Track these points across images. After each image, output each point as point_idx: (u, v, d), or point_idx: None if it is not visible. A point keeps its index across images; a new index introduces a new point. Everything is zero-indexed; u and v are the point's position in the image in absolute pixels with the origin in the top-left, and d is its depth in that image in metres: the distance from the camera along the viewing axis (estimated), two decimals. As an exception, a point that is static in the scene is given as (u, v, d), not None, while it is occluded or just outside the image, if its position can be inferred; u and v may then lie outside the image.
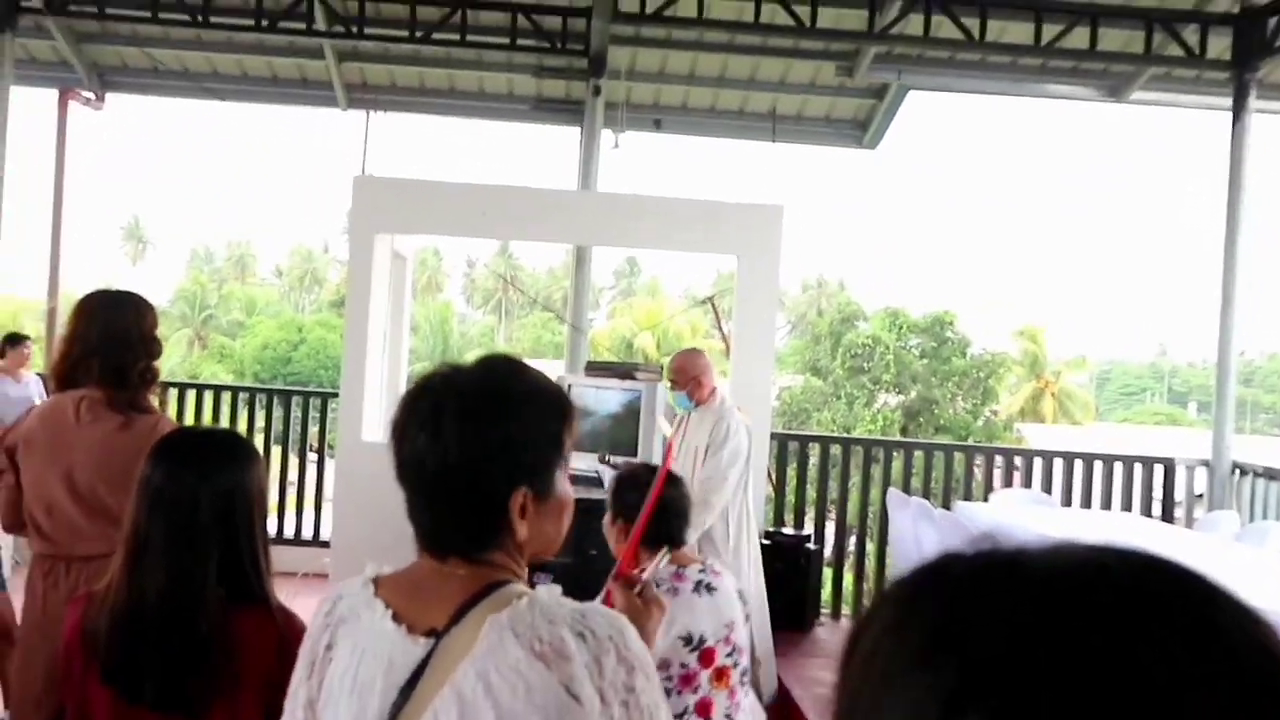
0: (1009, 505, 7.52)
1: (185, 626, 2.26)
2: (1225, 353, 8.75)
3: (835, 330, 33.71)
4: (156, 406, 3.50)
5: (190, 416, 9.11)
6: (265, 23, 9.69)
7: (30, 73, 11.12)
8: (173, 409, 8.97)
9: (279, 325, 54.72)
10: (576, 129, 10.53)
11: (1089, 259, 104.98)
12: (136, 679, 2.28)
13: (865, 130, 11.58)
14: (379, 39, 10.13)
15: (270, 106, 12.90)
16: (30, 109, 11.81)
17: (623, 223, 7.65)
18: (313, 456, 9.38)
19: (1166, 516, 8.50)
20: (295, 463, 9.12)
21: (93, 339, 3.30)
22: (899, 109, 11.19)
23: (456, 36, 9.74)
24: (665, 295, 62.10)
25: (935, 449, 9.07)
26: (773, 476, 8.27)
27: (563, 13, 9.79)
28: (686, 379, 5.97)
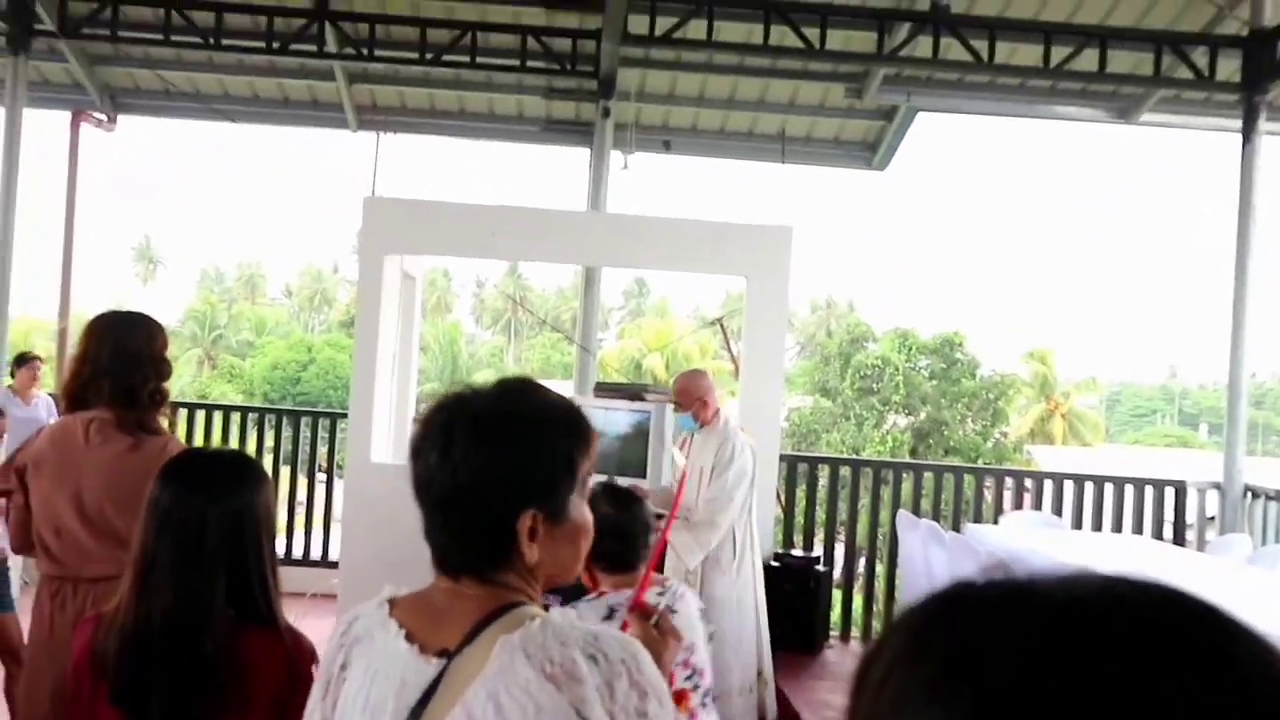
0: (1019, 528, 7.48)
1: (193, 647, 2.26)
2: (1236, 375, 8.72)
3: (844, 351, 33.61)
4: (166, 428, 3.49)
5: (200, 437, 9.12)
6: (276, 45, 9.76)
7: (43, 95, 11.21)
8: (182, 429, 8.99)
9: (288, 345, 54.79)
10: (586, 150, 10.57)
11: (1099, 281, 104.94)
12: (145, 700, 2.27)
13: (874, 152, 11.61)
14: (389, 61, 10.18)
15: (281, 128, 12.95)
16: (43, 131, 11.90)
17: (632, 243, 7.65)
18: (321, 477, 9.38)
19: (1178, 539, 8.44)
20: (304, 483, 9.12)
21: (103, 360, 3.30)
22: (908, 130, 11.21)
23: (466, 58, 9.80)
24: (674, 316, 62.12)
25: (945, 470, 9.04)
26: (782, 498, 8.24)
27: (573, 35, 9.83)
28: (691, 400, 5.96)
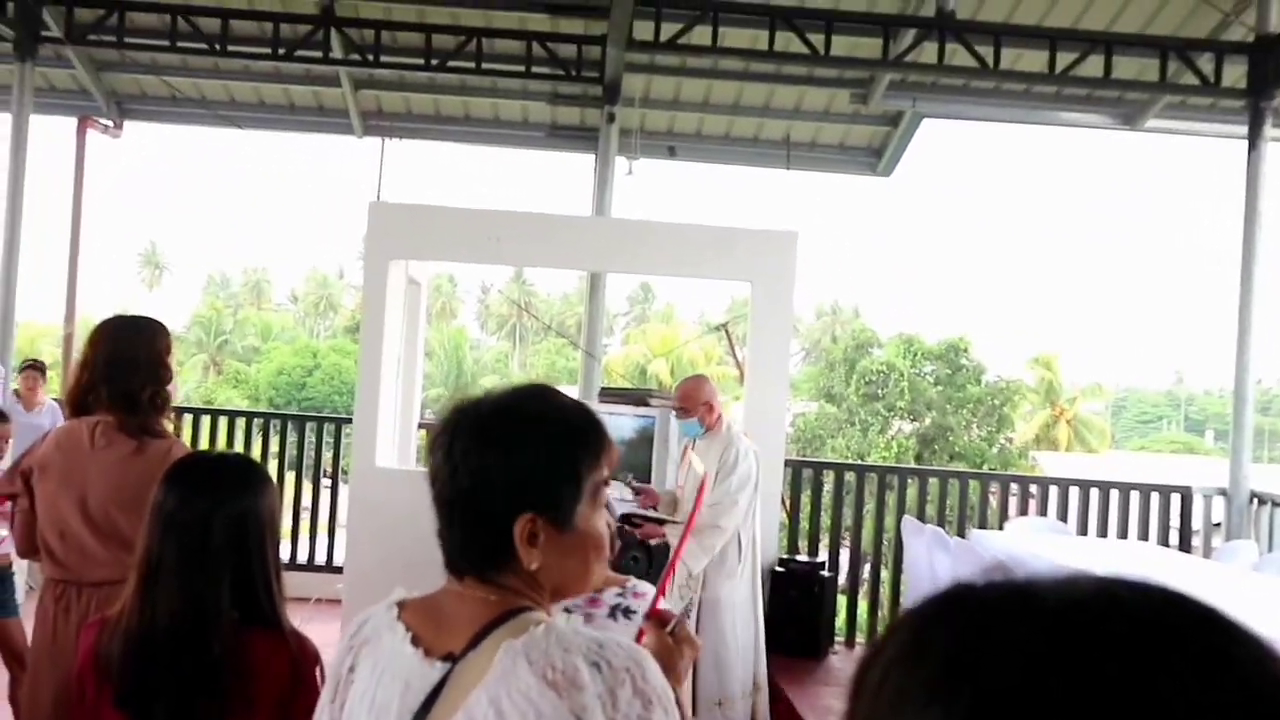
0: (1024, 534, 7.47)
1: (198, 650, 2.27)
2: (1242, 381, 8.70)
3: (849, 357, 33.63)
4: (171, 431, 3.49)
5: (205, 442, 9.13)
6: (282, 51, 9.76)
7: (50, 101, 11.23)
8: (188, 435, 8.99)
9: (294, 351, 54.89)
10: (591, 156, 10.58)
11: (1104, 287, 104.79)
12: (149, 703, 2.27)
13: (880, 157, 11.60)
14: (395, 67, 10.19)
15: (287, 134, 12.95)
16: (49, 137, 11.92)
17: (636, 249, 7.66)
18: (326, 482, 9.39)
19: (1184, 546, 8.43)
20: (309, 488, 9.13)
21: (102, 365, 3.31)
22: (913, 136, 11.21)
23: (472, 64, 9.80)
24: (679, 321, 62.13)
25: (950, 476, 9.02)
26: (787, 503, 8.24)
27: (578, 40, 9.84)
28: (696, 405, 5.96)
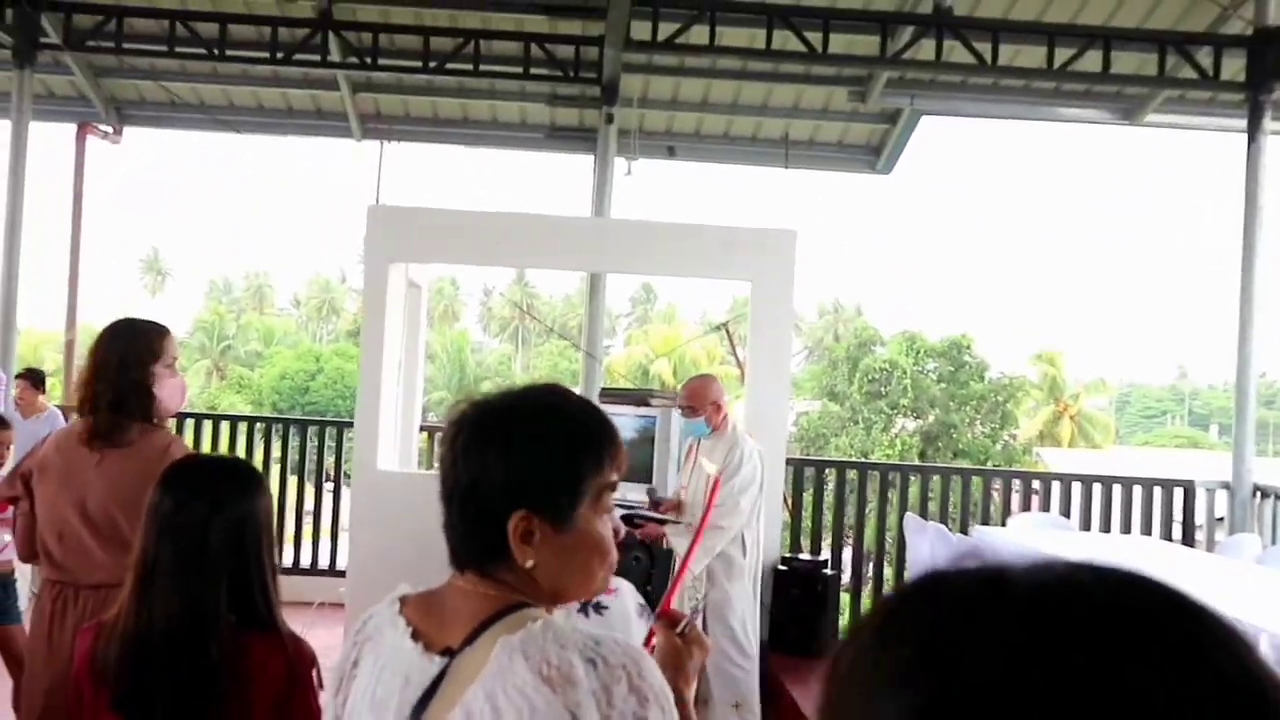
0: (1027, 530, 7.46)
1: (195, 652, 2.27)
2: (1244, 374, 8.69)
3: (852, 355, 33.61)
4: (170, 429, 3.50)
5: (207, 447, 9.13)
6: (280, 55, 9.77)
7: (49, 107, 11.24)
8: (191, 440, 8.99)
9: (297, 355, 54.94)
10: (590, 157, 10.57)
11: (1107, 282, 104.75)
12: (146, 705, 2.28)
13: (879, 155, 11.60)
14: (392, 70, 10.20)
15: (286, 138, 12.97)
16: (49, 143, 11.93)
17: (636, 249, 7.65)
18: (330, 486, 9.38)
19: (1187, 540, 8.41)
20: (312, 492, 9.13)
21: (101, 367, 3.33)
22: (912, 134, 11.20)
23: (470, 66, 9.80)
24: (682, 321, 62.12)
25: (953, 473, 9.01)
26: (789, 502, 8.23)
27: (575, 41, 9.84)
28: (704, 404, 5.94)
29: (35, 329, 41.82)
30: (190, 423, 9.36)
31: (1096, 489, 8.69)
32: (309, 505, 9.08)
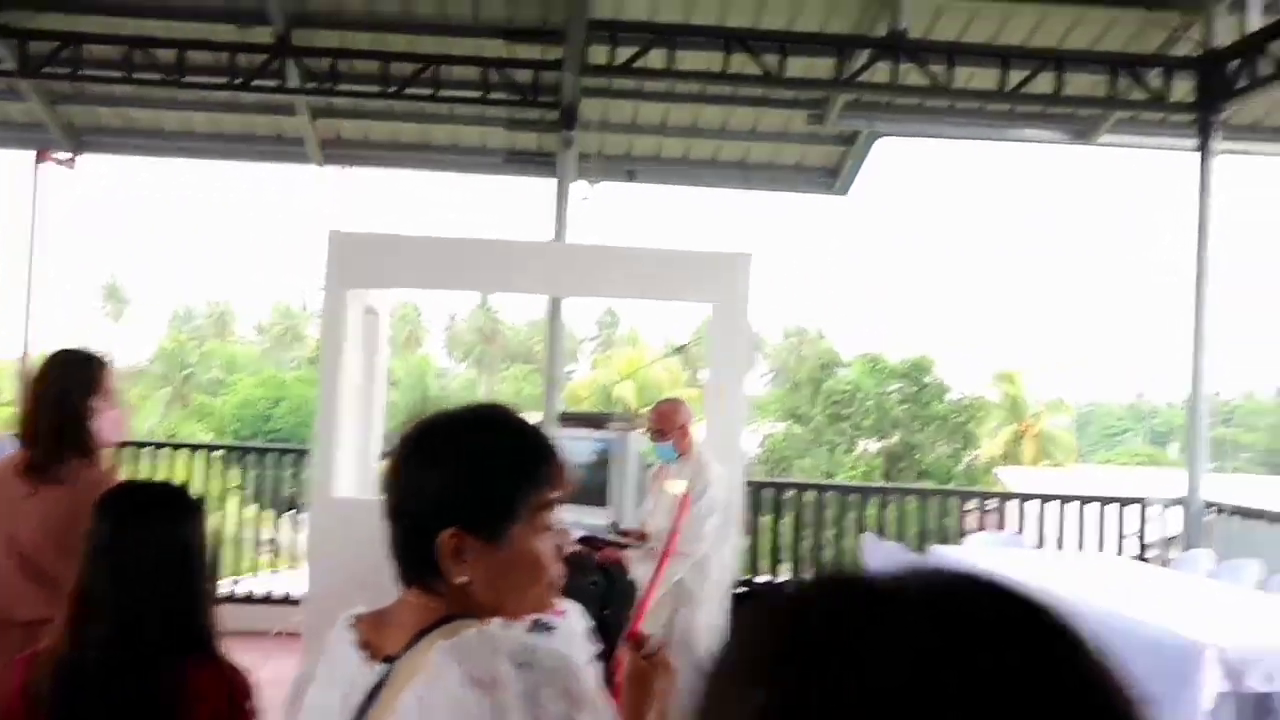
0: (982, 549, 7.53)
1: (131, 680, 2.25)
2: (1197, 393, 8.77)
3: (815, 377, 33.80)
4: (107, 463, 3.45)
5: (167, 475, 9.03)
6: (239, 81, 9.73)
7: (4, 135, 11.16)
8: (149, 468, 8.90)
9: (259, 382, 54.57)
10: (552, 180, 10.58)
11: (1066, 301, 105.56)
12: None
13: (836, 177, 11.66)
14: (352, 95, 10.17)
15: (246, 164, 12.92)
16: (5, 171, 11.83)
17: (595, 273, 7.65)
18: (292, 514, 9.32)
19: (1142, 556, 8.50)
20: (273, 520, 9.06)
21: (35, 398, 3.30)
22: (869, 155, 11.28)
23: (429, 91, 9.80)
24: (645, 344, 62.13)
25: (908, 494, 9.08)
26: (746, 525, 8.23)
27: (534, 66, 9.85)
28: (673, 427, 5.93)
29: (-9, 358, 41.35)
30: (146, 452, 9.27)
31: (1056, 508, 8.77)
32: (273, 533, 9.01)
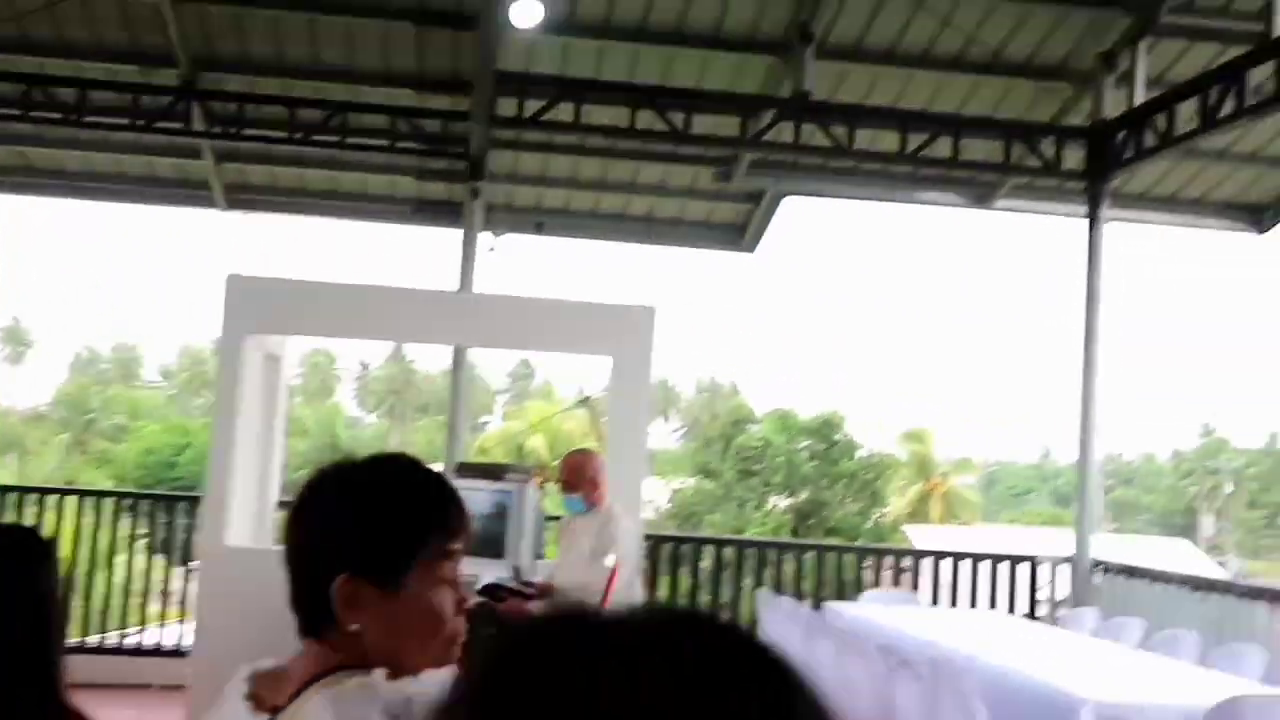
0: (875, 606, 7.63)
1: None
2: (1086, 454, 8.97)
3: (726, 433, 33.98)
4: None
5: (62, 524, 8.78)
6: (142, 122, 9.61)
7: (-103, 173, 10.89)
8: (42, 516, 8.65)
9: (164, 429, 53.42)
10: (460, 231, 10.57)
11: (971, 361, 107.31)
12: None
13: (744, 234, 11.80)
14: (258, 140, 10.07)
15: (150, 207, 12.74)
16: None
17: (499, 324, 7.65)
18: (193, 563, 9.11)
19: (1032, 613, 8.66)
20: (168, 570, 8.86)
21: None
22: (775, 213, 11.44)
23: (337, 138, 9.76)
24: (559, 397, 62.03)
25: (808, 550, 9.16)
26: (644, 579, 8.23)
27: (443, 116, 9.87)
28: (582, 480, 5.83)
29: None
30: (38, 498, 9.02)
31: (954, 565, 8.91)
32: (171, 583, 8.80)
